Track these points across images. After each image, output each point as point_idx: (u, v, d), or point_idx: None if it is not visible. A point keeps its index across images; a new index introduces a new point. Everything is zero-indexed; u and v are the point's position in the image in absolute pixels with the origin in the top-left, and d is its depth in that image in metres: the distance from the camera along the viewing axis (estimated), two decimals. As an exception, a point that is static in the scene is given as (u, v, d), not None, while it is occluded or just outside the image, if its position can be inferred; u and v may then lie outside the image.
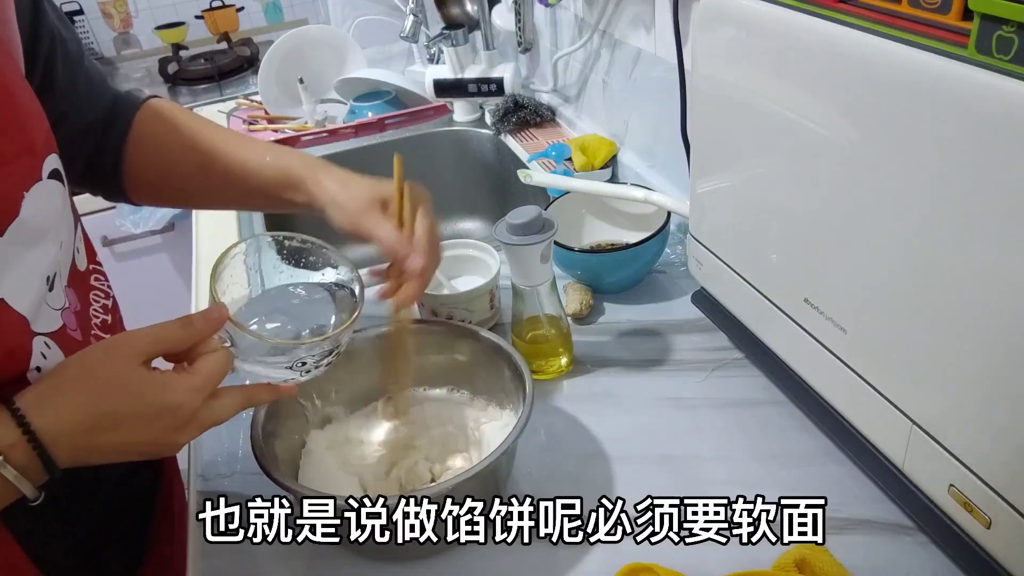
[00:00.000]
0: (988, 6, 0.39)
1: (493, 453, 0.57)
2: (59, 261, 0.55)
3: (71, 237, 0.59)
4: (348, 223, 0.63)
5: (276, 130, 1.50)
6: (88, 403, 0.47)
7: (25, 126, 0.51)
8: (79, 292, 0.60)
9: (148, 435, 0.49)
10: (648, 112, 1.07)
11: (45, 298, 0.53)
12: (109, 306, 0.65)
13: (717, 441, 0.68)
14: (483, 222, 1.46)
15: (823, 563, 0.54)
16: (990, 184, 0.41)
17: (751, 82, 0.59)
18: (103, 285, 0.65)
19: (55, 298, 0.55)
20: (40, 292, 0.52)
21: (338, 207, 0.64)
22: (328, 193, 0.65)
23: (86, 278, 0.63)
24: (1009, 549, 0.48)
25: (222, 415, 0.52)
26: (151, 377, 0.49)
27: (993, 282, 0.43)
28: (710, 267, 0.74)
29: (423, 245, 0.61)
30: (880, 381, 0.54)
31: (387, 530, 0.53)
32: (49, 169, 0.52)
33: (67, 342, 0.55)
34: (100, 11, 2.25)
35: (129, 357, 0.49)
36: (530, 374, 0.63)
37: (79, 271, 0.61)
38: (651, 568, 0.54)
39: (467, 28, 1.34)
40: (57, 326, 0.54)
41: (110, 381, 0.48)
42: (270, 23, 2.43)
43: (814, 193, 0.55)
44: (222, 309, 0.52)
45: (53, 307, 0.54)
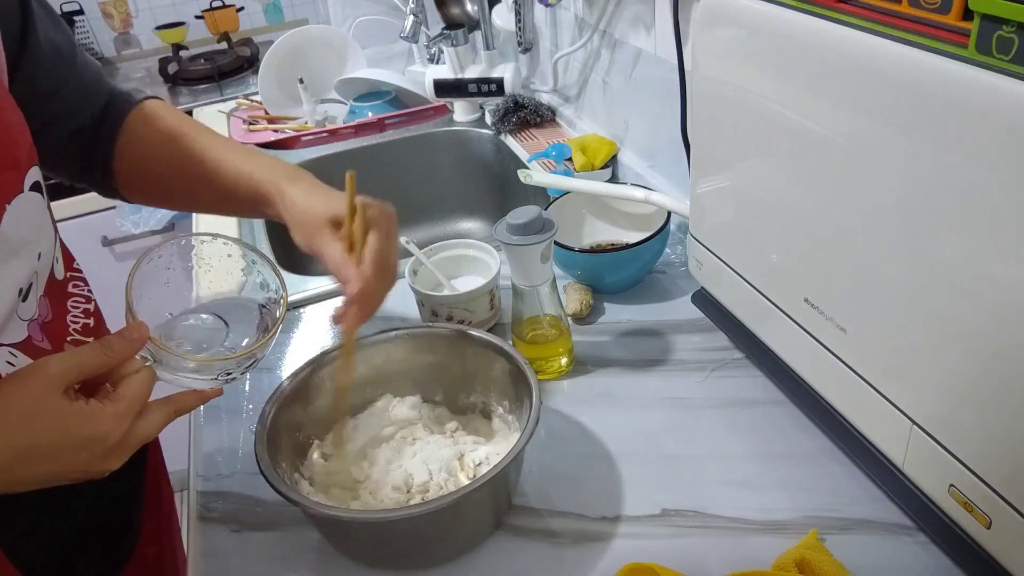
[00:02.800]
0: (988, 6, 0.39)
1: (504, 459, 0.56)
2: (36, 272, 0.55)
3: (51, 247, 0.59)
4: (304, 243, 0.62)
5: (276, 130, 1.50)
6: (7, 437, 0.45)
7: (9, 142, 0.51)
8: (55, 301, 0.60)
9: (75, 465, 0.48)
10: (648, 112, 1.07)
11: (16, 309, 0.52)
12: (91, 310, 0.65)
13: (717, 441, 0.68)
14: (483, 222, 1.46)
15: (823, 563, 0.54)
16: (990, 184, 0.41)
17: (751, 82, 0.59)
18: (83, 291, 0.65)
19: (26, 309, 0.54)
20: (11, 304, 0.52)
21: (297, 226, 0.62)
22: (289, 212, 0.63)
23: (64, 286, 0.62)
24: (1009, 549, 0.48)
25: (151, 432, 0.51)
26: (72, 408, 0.47)
27: (993, 282, 0.43)
28: (710, 267, 0.74)
29: (367, 271, 0.58)
30: (880, 381, 0.54)
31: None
32: (31, 181, 0.52)
33: (34, 351, 0.54)
34: (100, 11, 2.25)
35: (47, 387, 0.46)
36: (535, 377, 0.62)
37: (57, 280, 0.60)
38: (651, 568, 0.54)
39: (467, 28, 1.34)
40: (22, 337, 0.54)
41: (30, 413, 0.46)
42: (270, 23, 2.43)
43: (814, 193, 0.55)
44: (142, 328, 0.51)
45: (22, 318, 0.54)
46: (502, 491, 0.62)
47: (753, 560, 0.56)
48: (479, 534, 0.61)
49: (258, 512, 0.66)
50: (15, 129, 0.52)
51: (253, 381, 0.81)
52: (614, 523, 0.61)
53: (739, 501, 0.62)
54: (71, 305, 0.62)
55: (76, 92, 0.65)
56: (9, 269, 0.51)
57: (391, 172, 1.42)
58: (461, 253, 0.88)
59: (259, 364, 0.58)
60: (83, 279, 0.66)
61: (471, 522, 0.60)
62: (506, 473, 0.56)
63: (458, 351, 0.70)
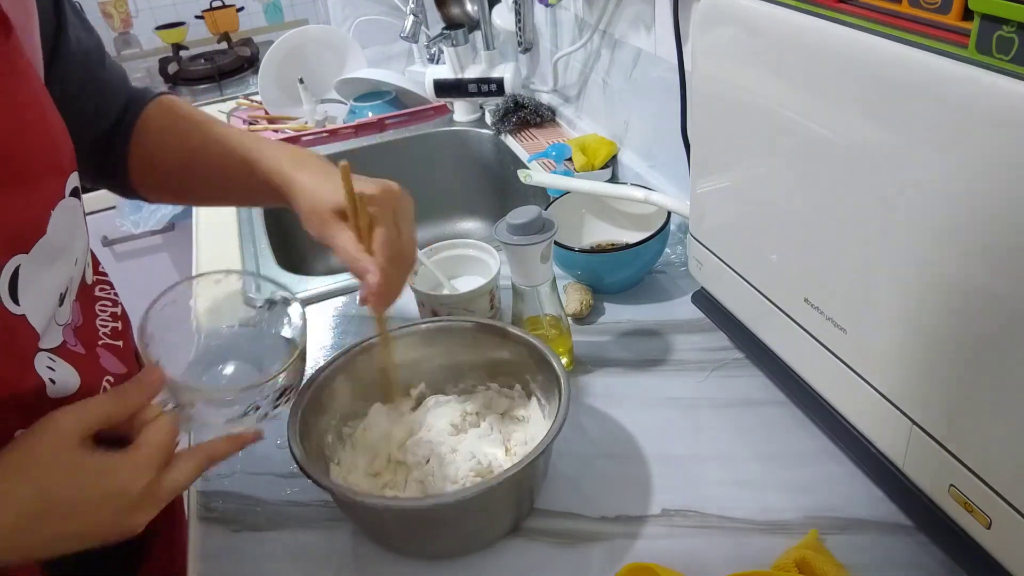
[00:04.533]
0: (988, 6, 0.39)
1: (530, 455, 0.56)
2: (72, 277, 0.55)
3: (85, 253, 0.59)
4: (315, 233, 0.60)
5: (276, 130, 1.50)
6: (20, 495, 0.43)
7: (55, 145, 0.51)
8: (85, 305, 0.60)
9: (99, 522, 0.45)
10: (648, 112, 1.07)
11: (55, 314, 0.53)
12: (118, 313, 0.65)
13: (717, 441, 0.68)
14: (483, 222, 1.46)
15: (823, 563, 0.54)
16: (990, 184, 0.41)
17: (751, 82, 0.59)
18: (109, 294, 0.65)
19: (62, 313, 0.54)
20: (52, 309, 0.52)
21: (306, 216, 0.61)
22: (297, 202, 0.61)
23: (92, 290, 0.63)
24: (1009, 549, 0.48)
25: (181, 482, 0.48)
26: (87, 461, 0.45)
27: (993, 282, 0.43)
28: (710, 267, 0.74)
29: (380, 260, 0.57)
30: (880, 381, 0.54)
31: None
32: (71, 187, 0.52)
33: (70, 356, 0.54)
34: (100, 11, 2.25)
35: (60, 441, 0.44)
36: (564, 370, 0.63)
37: (86, 284, 0.61)
38: (651, 568, 0.54)
39: (467, 28, 1.34)
40: (59, 342, 0.54)
41: (43, 469, 0.44)
42: (270, 23, 2.43)
43: (814, 193, 0.55)
44: (158, 371, 0.48)
45: (59, 323, 0.54)
46: (526, 489, 0.62)
47: (753, 560, 0.56)
48: (498, 530, 0.61)
49: (258, 512, 0.66)
50: (59, 134, 0.51)
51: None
52: (614, 523, 0.61)
53: (739, 501, 0.62)
54: (99, 309, 0.62)
55: (102, 95, 0.65)
56: (51, 275, 0.51)
57: (391, 172, 1.40)
58: (461, 253, 0.88)
59: (294, 393, 0.55)
60: (109, 282, 0.66)
61: (498, 513, 0.60)
62: (534, 466, 0.56)
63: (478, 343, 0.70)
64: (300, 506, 0.66)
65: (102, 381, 0.58)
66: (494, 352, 0.70)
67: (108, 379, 0.59)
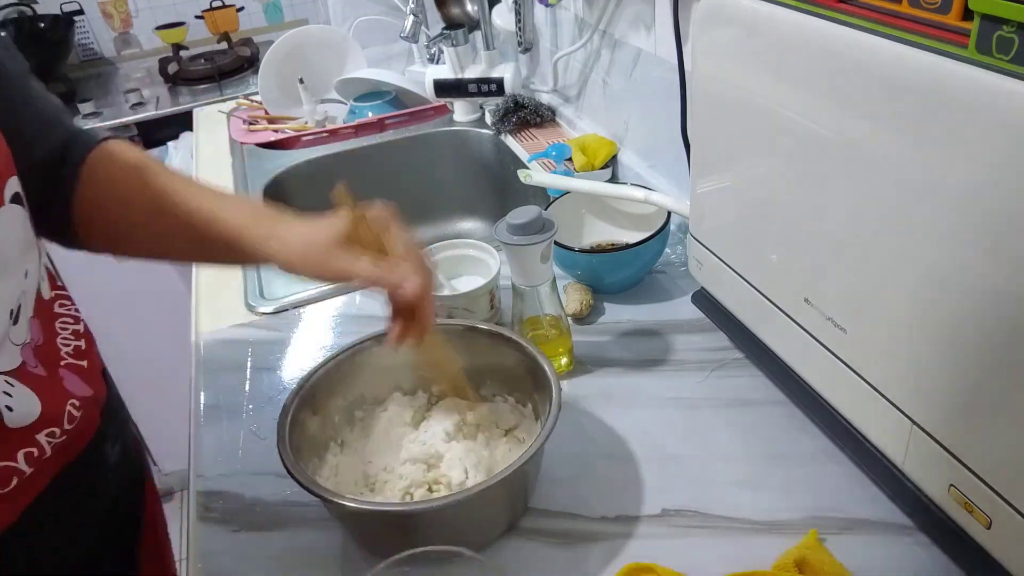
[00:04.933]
0: (988, 6, 0.39)
1: (520, 459, 0.56)
2: (24, 291, 0.52)
3: (37, 264, 0.55)
4: (318, 273, 0.58)
5: (276, 130, 1.50)
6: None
7: None
8: (44, 322, 0.57)
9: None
10: (648, 112, 1.07)
11: (8, 333, 0.50)
12: (80, 331, 0.61)
13: (717, 441, 0.68)
14: (483, 222, 1.46)
15: (823, 563, 0.54)
16: (990, 184, 0.41)
17: (751, 82, 0.59)
18: (70, 310, 0.62)
19: (18, 332, 0.51)
20: (3, 328, 0.49)
21: (300, 261, 0.58)
22: (285, 251, 0.59)
23: (51, 306, 0.59)
24: (1009, 549, 0.48)
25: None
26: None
27: (992, 282, 0.43)
28: (710, 267, 0.74)
29: (408, 267, 0.56)
30: (880, 381, 0.54)
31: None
32: (11, 193, 0.49)
33: (29, 379, 0.52)
34: (100, 11, 2.25)
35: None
36: (555, 374, 0.62)
37: (43, 300, 0.57)
38: (651, 568, 0.54)
39: (467, 28, 1.34)
40: (16, 363, 0.51)
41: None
42: (270, 23, 2.43)
43: (814, 193, 0.55)
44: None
45: (15, 342, 0.51)
46: (519, 490, 0.62)
47: (753, 560, 0.56)
48: (493, 533, 0.61)
49: (258, 512, 0.66)
50: None
51: (253, 381, 0.81)
52: (614, 523, 0.61)
53: (739, 501, 0.62)
54: (59, 326, 0.59)
55: (30, 121, 0.59)
56: None
57: (391, 172, 1.42)
58: (461, 253, 0.88)
59: None
60: (68, 297, 0.62)
61: (489, 518, 0.60)
62: (524, 471, 0.56)
63: (468, 345, 0.70)
64: (300, 506, 0.66)
65: (66, 406, 0.56)
66: (497, 357, 0.69)
67: (73, 402, 0.56)
